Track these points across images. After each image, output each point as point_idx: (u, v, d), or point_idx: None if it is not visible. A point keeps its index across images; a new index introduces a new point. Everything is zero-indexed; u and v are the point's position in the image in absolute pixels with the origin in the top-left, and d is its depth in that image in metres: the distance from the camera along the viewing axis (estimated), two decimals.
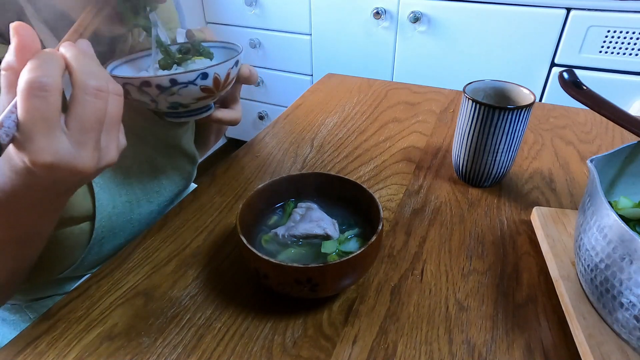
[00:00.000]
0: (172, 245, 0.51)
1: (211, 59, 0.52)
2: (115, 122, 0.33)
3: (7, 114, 0.29)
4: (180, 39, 0.61)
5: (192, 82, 0.44)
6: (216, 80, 0.46)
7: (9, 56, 0.30)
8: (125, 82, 0.43)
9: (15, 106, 0.29)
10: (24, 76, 0.28)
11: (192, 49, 0.52)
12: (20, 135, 0.29)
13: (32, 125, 0.28)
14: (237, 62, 0.48)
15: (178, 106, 0.47)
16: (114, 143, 0.34)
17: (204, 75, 0.45)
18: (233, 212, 0.57)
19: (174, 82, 0.43)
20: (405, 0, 1.38)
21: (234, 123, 0.57)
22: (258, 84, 1.82)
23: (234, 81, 0.50)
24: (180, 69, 0.50)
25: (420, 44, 1.44)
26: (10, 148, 0.30)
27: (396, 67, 1.53)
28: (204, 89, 0.46)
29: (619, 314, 0.36)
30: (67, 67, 0.31)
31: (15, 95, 0.29)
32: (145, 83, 0.43)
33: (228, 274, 0.48)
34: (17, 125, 0.29)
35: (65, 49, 0.32)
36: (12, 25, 0.30)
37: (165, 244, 0.52)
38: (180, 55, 0.50)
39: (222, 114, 0.55)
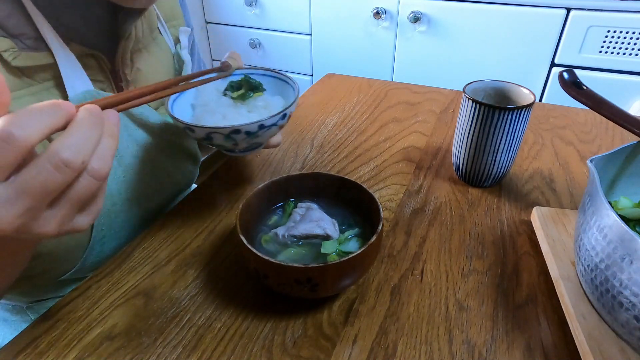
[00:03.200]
0: (172, 245, 0.51)
1: (263, 91, 0.54)
2: (75, 201, 0.29)
3: None
4: (184, 37, 0.61)
5: (275, 124, 0.48)
6: (289, 117, 0.50)
7: None
8: (213, 131, 0.45)
9: None
10: (1, 120, 0.25)
11: (245, 83, 0.53)
12: None
13: None
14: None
15: (255, 146, 0.51)
16: (58, 220, 0.29)
17: (283, 116, 0.48)
18: (233, 212, 0.57)
19: (261, 127, 0.46)
20: (405, 0, 1.38)
21: (278, 145, 0.59)
22: None
23: None
24: (244, 108, 0.52)
25: (420, 44, 1.44)
26: None
27: (396, 67, 1.53)
28: (280, 127, 0.49)
29: (619, 314, 0.36)
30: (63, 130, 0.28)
31: None
32: (235, 131, 0.45)
33: (228, 274, 0.48)
34: None
35: (81, 111, 0.29)
36: None
37: (165, 244, 0.52)
38: (241, 92, 0.52)
39: (272, 140, 0.56)
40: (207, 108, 0.52)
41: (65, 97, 0.45)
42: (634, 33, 1.17)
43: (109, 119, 0.31)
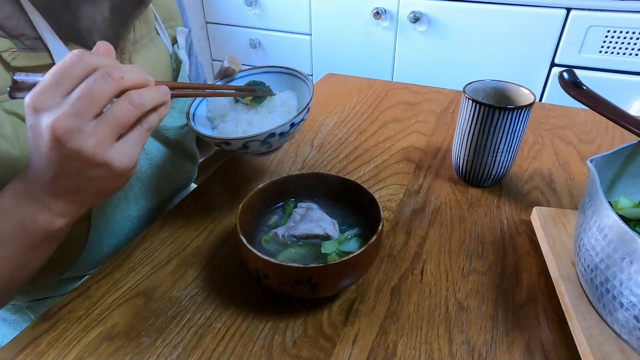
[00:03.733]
0: (172, 245, 0.51)
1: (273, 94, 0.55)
2: (113, 122, 0.34)
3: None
4: (181, 37, 0.61)
5: (302, 120, 0.50)
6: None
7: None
8: (250, 140, 0.47)
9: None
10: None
11: (253, 89, 0.54)
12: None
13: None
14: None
15: (282, 144, 0.52)
16: (97, 138, 0.34)
17: (308, 109, 0.50)
18: (233, 212, 0.57)
19: (292, 125, 0.48)
20: (405, 0, 1.38)
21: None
22: None
23: None
24: (263, 110, 0.54)
25: (420, 44, 1.44)
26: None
27: (396, 67, 1.53)
28: (304, 121, 0.52)
29: (619, 314, 0.36)
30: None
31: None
32: (271, 135, 0.47)
33: (228, 274, 0.48)
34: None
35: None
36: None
37: (165, 244, 0.52)
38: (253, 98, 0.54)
39: None
40: (227, 118, 0.53)
41: None
42: (634, 33, 1.17)
43: (160, 86, 0.37)
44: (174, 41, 0.62)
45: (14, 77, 0.33)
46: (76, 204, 0.39)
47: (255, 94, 0.54)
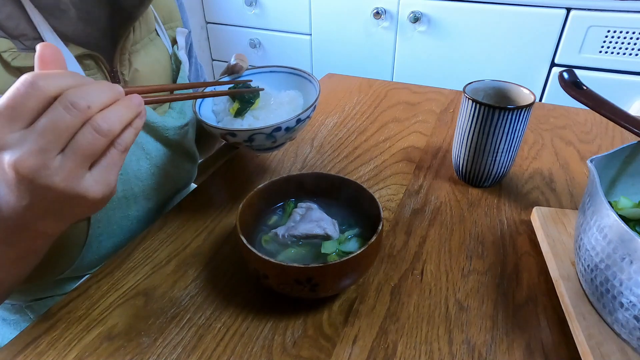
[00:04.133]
0: (172, 245, 0.51)
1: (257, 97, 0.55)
2: (81, 152, 0.31)
3: None
4: (181, 38, 0.62)
5: (308, 117, 0.50)
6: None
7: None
8: (256, 132, 0.47)
9: None
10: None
11: (239, 99, 0.54)
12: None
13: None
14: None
15: (287, 140, 0.53)
16: (66, 172, 0.31)
17: (314, 107, 0.50)
18: (233, 212, 0.57)
19: (298, 120, 0.48)
20: (405, 0, 1.38)
21: None
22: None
23: None
24: (270, 106, 0.54)
25: (420, 44, 1.44)
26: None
27: (396, 67, 1.53)
28: (310, 118, 0.51)
29: (619, 314, 0.36)
30: None
31: None
32: (277, 129, 0.47)
33: (228, 274, 0.48)
34: None
35: (101, 81, 0.34)
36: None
37: (165, 244, 0.52)
38: (236, 107, 0.53)
39: None
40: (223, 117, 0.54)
41: None
42: (634, 33, 1.17)
43: (130, 97, 0.34)
44: (174, 42, 0.62)
45: None
46: (55, 225, 0.38)
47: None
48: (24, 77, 0.29)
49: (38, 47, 0.31)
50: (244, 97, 0.53)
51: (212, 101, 0.57)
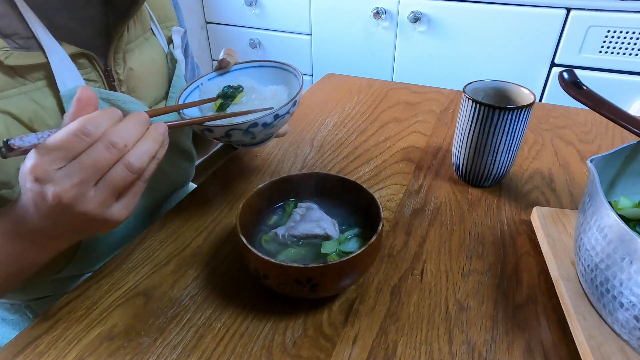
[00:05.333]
0: (172, 245, 0.51)
1: (241, 92, 0.55)
2: (112, 185, 0.35)
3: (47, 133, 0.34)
4: (176, 37, 0.62)
5: (288, 112, 0.49)
6: (298, 104, 0.51)
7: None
8: (232, 128, 0.46)
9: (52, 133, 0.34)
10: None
11: (221, 95, 0.54)
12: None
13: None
14: None
15: (269, 136, 0.52)
16: (99, 200, 0.35)
17: (294, 103, 0.50)
18: (233, 212, 0.57)
19: (276, 116, 0.48)
20: (405, 0, 1.38)
21: (285, 134, 0.63)
22: None
23: None
24: (254, 102, 0.53)
25: (420, 44, 1.44)
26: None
27: (396, 67, 1.53)
28: (291, 114, 0.51)
29: (619, 314, 0.36)
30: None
31: None
32: (253, 124, 0.47)
33: (228, 274, 0.48)
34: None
35: (131, 114, 0.37)
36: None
37: (165, 244, 0.52)
38: (219, 102, 0.53)
39: (281, 130, 0.59)
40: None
41: (57, 96, 0.45)
42: (634, 33, 1.17)
43: (156, 127, 0.38)
44: (170, 41, 0.62)
45: (9, 142, 0.32)
46: (69, 242, 0.42)
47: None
48: (78, 124, 0.33)
49: (79, 89, 0.35)
50: (225, 93, 0.53)
51: (199, 97, 0.56)
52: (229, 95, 0.53)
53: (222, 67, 0.57)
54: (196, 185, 0.71)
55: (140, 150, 0.36)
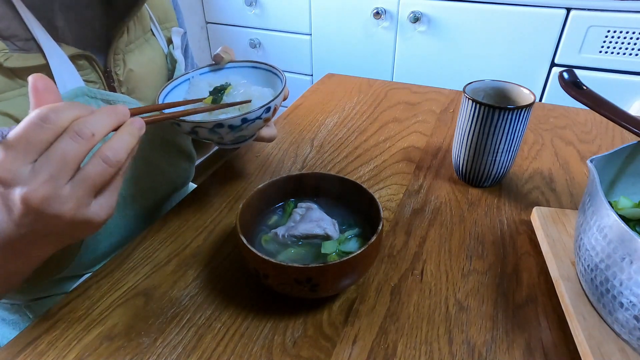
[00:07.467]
0: (172, 245, 0.51)
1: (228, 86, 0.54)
2: (89, 182, 0.33)
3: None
4: (176, 38, 0.62)
5: (259, 117, 0.48)
6: (275, 109, 0.50)
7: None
8: (197, 125, 0.45)
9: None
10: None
11: (213, 90, 0.54)
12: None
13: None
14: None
15: (242, 139, 0.52)
16: (75, 200, 0.33)
17: (268, 109, 0.48)
18: (233, 212, 0.57)
19: (245, 120, 0.46)
20: (405, 0, 1.38)
21: (273, 139, 0.60)
22: None
23: None
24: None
25: (420, 44, 1.44)
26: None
27: (396, 67, 1.53)
28: (265, 120, 0.50)
29: (619, 314, 0.36)
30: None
31: None
32: (219, 125, 0.46)
33: (228, 274, 0.48)
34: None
35: (105, 107, 0.35)
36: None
37: (165, 244, 0.52)
38: (210, 97, 0.52)
39: (264, 133, 0.57)
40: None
41: None
42: (634, 33, 1.17)
43: (133, 121, 0.35)
44: (170, 42, 0.62)
45: None
46: (50, 248, 0.39)
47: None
48: (36, 112, 0.31)
49: (30, 78, 0.32)
50: (215, 88, 0.53)
51: (186, 91, 0.55)
52: (218, 89, 0.53)
53: (216, 62, 0.56)
54: (196, 185, 0.71)
55: (118, 144, 0.34)
